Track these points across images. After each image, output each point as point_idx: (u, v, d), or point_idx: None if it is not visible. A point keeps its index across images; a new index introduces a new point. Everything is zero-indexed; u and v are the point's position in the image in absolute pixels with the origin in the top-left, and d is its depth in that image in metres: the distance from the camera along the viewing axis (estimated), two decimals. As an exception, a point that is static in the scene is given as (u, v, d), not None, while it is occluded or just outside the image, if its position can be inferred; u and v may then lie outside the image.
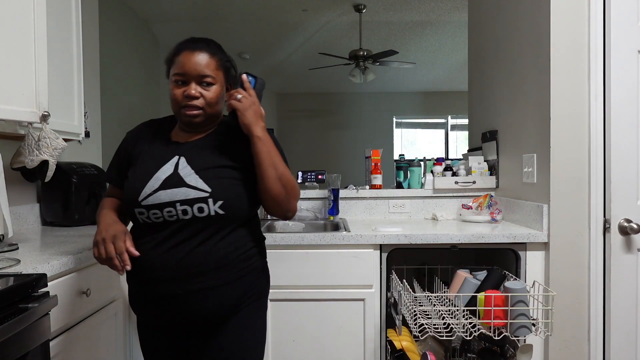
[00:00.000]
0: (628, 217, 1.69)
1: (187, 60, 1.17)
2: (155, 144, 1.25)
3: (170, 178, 1.16)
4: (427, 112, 8.06)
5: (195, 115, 1.19)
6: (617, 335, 1.71)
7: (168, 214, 1.14)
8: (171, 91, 1.20)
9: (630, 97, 1.69)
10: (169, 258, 1.14)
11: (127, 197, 1.18)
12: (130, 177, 1.20)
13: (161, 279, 1.15)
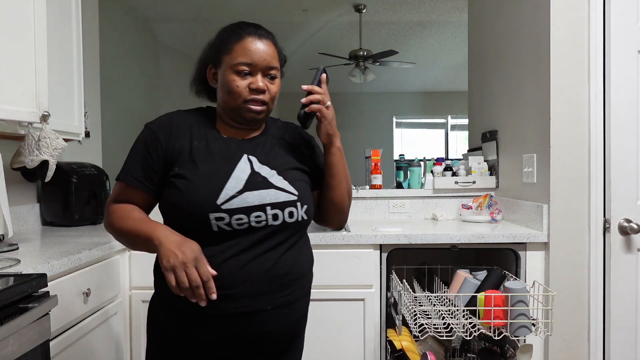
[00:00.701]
0: (628, 217, 1.69)
1: (255, 48, 1.03)
2: (208, 140, 1.06)
3: (252, 178, 1.02)
4: (427, 112, 8.06)
5: (260, 112, 1.05)
6: (617, 335, 1.71)
7: (256, 219, 0.98)
8: (231, 82, 1.03)
9: (630, 97, 1.69)
10: (255, 269, 0.99)
11: (197, 200, 0.97)
12: (193, 178, 0.99)
13: (245, 294, 0.98)
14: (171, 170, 1.02)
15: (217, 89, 1.09)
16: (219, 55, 1.06)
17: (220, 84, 1.06)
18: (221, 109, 1.10)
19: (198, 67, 1.14)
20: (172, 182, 1.01)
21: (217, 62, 1.07)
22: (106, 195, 2.24)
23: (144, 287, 1.79)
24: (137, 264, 1.78)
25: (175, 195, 1.00)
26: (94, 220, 2.16)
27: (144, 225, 0.98)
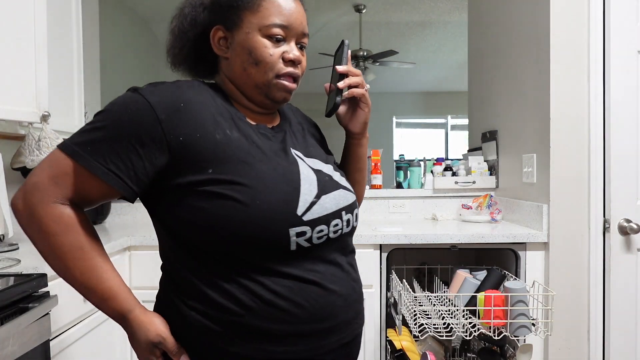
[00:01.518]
0: (628, 217, 1.69)
1: (290, 7, 0.81)
2: (241, 129, 0.79)
3: (320, 177, 0.81)
4: (427, 112, 8.06)
5: (291, 90, 0.84)
6: (617, 335, 1.72)
7: (334, 229, 0.79)
8: (263, 49, 0.79)
9: (630, 97, 1.69)
10: (346, 290, 0.80)
11: (271, 213, 0.72)
12: (254, 183, 0.73)
13: (338, 327, 0.79)
14: (192, 173, 0.73)
15: (230, 59, 0.82)
16: (237, 12, 0.80)
17: (240, 51, 0.80)
18: (239, 85, 0.83)
19: (185, 30, 0.86)
20: (212, 192, 0.72)
21: (233, 22, 0.80)
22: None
23: (144, 287, 1.78)
24: (137, 264, 1.78)
25: (230, 209, 0.71)
26: (94, 220, 2.16)
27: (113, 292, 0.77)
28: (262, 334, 0.73)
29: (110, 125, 0.72)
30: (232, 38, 0.81)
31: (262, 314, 0.73)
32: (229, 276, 0.74)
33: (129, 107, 0.72)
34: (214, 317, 0.73)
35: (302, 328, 0.75)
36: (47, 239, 0.72)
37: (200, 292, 0.74)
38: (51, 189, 0.72)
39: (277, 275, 0.74)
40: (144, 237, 1.77)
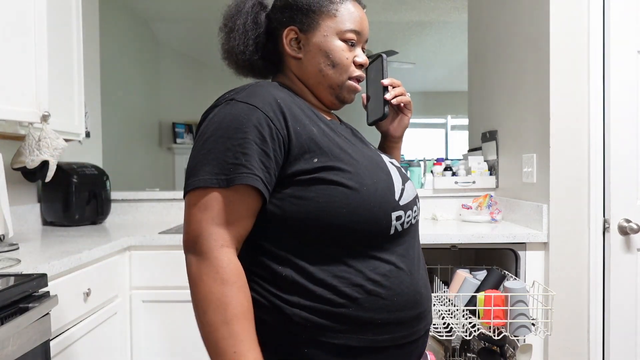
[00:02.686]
0: (627, 217, 1.70)
1: (360, 14, 0.86)
2: (324, 123, 0.82)
3: (397, 168, 0.87)
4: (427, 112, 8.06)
5: (358, 91, 0.91)
6: (616, 335, 1.72)
7: (414, 215, 0.84)
8: (340, 52, 0.84)
9: (630, 97, 1.70)
10: (421, 281, 0.83)
11: (378, 197, 0.76)
12: (359, 171, 0.76)
13: (423, 313, 0.82)
14: (300, 164, 0.74)
15: (303, 60, 0.86)
16: (314, 16, 0.84)
17: (317, 53, 0.84)
18: (311, 85, 0.87)
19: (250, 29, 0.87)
20: (322, 180, 0.74)
21: (309, 25, 0.84)
22: (107, 195, 2.24)
23: (144, 287, 1.79)
24: (137, 264, 1.78)
25: (341, 195, 0.74)
26: (94, 220, 2.17)
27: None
28: (367, 323, 0.74)
29: (232, 138, 0.71)
30: (306, 40, 0.86)
31: (366, 305, 0.74)
32: (333, 268, 0.74)
33: (239, 116, 0.73)
34: (320, 310, 0.73)
35: (401, 315, 0.77)
36: (221, 287, 0.67)
37: (304, 288, 0.74)
38: (217, 231, 0.70)
39: (377, 260, 0.76)
40: (144, 237, 1.78)
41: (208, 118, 0.76)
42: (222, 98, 0.78)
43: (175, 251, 1.78)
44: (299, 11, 0.85)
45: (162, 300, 1.79)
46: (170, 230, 1.94)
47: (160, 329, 1.79)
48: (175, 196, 2.44)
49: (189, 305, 1.89)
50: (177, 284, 1.78)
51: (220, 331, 0.66)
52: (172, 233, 1.84)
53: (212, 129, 0.73)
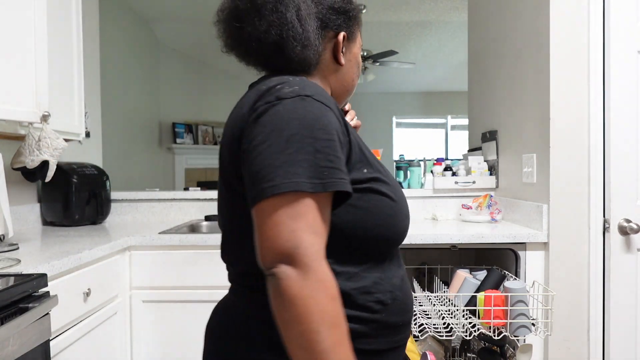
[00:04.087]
0: (628, 217, 1.69)
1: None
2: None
3: None
4: (427, 112, 8.06)
5: None
6: (616, 335, 1.72)
7: None
8: (360, 63, 0.90)
9: (630, 97, 1.70)
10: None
11: (405, 209, 0.78)
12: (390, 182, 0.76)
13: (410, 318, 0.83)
14: (354, 172, 0.71)
15: (344, 67, 0.85)
16: (356, 28, 0.86)
17: (354, 63, 0.87)
18: (340, 89, 0.88)
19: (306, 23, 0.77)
20: (372, 190, 0.72)
21: (353, 35, 0.86)
22: (107, 195, 2.24)
23: (144, 287, 1.79)
24: (137, 263, 1.78)
25: (386, 206, 0.73)
26: (94, 220, 2.17)
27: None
28: (392, 327, 0.75)
29: (320, 140, 0.63)
30: (348, 48, 0.86)
31: (393, 309, 0.75)
32: (370, 276, 0.73)
33: (321, 116, 0.65)
34: (360, 318, 0.71)
35: (409, 316, 0.80)
36: (333, 304, 0.60)
37: (348, 296, 0.70)
38: (316, 241, 0.61)
39: (393, 266, 0.77)
40: (144, 237, 1.78)
41: (276, 111, 0.64)
42: (284, 90, 0.67)
43: (175, 251, 1.78)
44: (350, 19, 0.84)
45: (162, 300, 1.79)
46: (170, 230, 1.94)
47: (160, 329, 1.79)
48: (175, 196, 2.44)
49: (188, 305, 1.89)
50: (177, 284, 1.78)
51: (337, 352, 0.58)
52: (172, 233, 1.84)
53: (294, 126, 0.63)
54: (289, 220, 0.60)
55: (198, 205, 2.44)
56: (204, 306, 1.80)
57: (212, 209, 2.44)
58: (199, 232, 2.20)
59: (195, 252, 1.78)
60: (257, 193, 0.61)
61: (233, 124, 0.71)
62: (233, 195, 0.73)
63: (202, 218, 2.40)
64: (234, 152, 0.69)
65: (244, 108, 0.70)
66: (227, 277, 0.85)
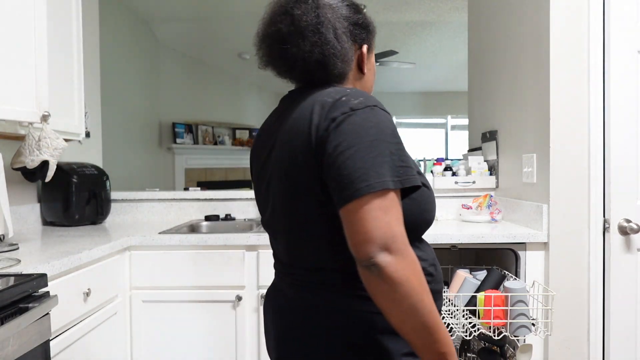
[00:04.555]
0: (628, 217, 1.69)
1: None
2: None
3: None
4: (427, 112, 8.06)
5: None
6: (616, 335, 1.72)
7: None
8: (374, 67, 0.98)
9: (630, 97, 1.70)
10: None
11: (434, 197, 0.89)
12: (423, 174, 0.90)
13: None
14: None
15: (365, 76, 0.95)
16: (373, 41, 0.96)
17: (372, 73, 0.97)
18: None
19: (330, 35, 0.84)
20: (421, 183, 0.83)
21: (371, 47, 0.96)
22: (107, 195, 2.24)
23: (144, 287, 1.79)
24: (137, 264, 1.78)
25: (427, 195, 0.86)
26: (94, 220, 2.17)
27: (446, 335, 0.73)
28: (438, 293, 0.88)
29: (391, 143, 0.74)
30: (368, 59, 0.95)
31: (437, 279, 0.88)
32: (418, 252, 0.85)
33: (389, 122, 0.77)
34: None
35: (442, 287, 0.93)
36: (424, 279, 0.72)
37: None
38: (403, 231, 0.71)
39: (426, 246, 0.91)
40: (144, 237, 1.78)
41: (353, 120, 0.74)
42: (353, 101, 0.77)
43: (175, 251, 1.78)
44: (369, 33, 0.94)
45: (162, 300, 1.79)
46: (170, 230, 1.94)
47: (160, 329, 1.79)
48: (175, 196, 2.44)
49: (188, 305, 1.89)
50: (177, 284, 1.78)
51: (435, 310, 0.72)
52: (172, 233, 1.84)
53: (372, 132, 0.73)
54: (382, 214, 0.70)
55: (198, 205, 2.44)
56: (204, 306, 1.80)
57: (212, 209, 2.44)
58: (199, 232, 2.20)
59: (195, 252, 1.78)
60: (352, 192, 0.70)
61: (300, 132, 0.79)
62: (308, 199, 0.79)
63: (202, 218, 2.40)
64: (313, 159, 0.77)
65: (312, 119, 0.78)
66: (280, 274, 0.92)
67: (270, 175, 0.87)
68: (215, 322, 1.80)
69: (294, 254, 0.86)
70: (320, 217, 0.79)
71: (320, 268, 0.82)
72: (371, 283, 0.70)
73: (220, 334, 1.80)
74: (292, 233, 0.84)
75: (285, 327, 0.87)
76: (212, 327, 1.80)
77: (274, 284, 0.96)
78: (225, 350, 1.80)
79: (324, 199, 0.77)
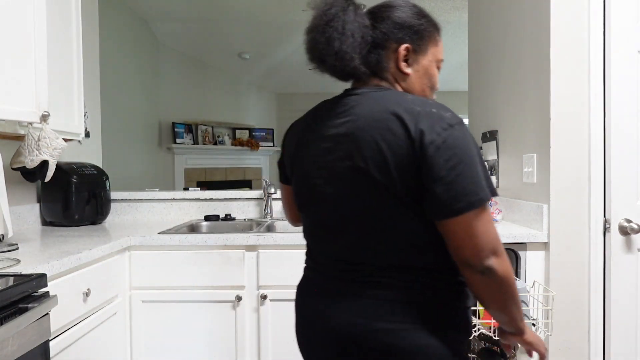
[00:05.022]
0: (628, 217, 1.69)
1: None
2: None
3: None
4: (427, 112, 8.05)
5: None
6: (617, 335, 1.71)
7: None
8: (436, 77, 1.00)
9: (630, 97, 1.69)
10: None
11: None
12: None
13: None
14: None
15: (410, 77, 0.96)
16: (425, 41, 0.96)
17: (423, 74, 0.97)
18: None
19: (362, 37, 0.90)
20: None
21: (420, 48, 0.96)
22: (106, 195, 2.24)
23: (144, 287, 1.79)
24: (137, 264, 1.78)
25: None
26: (93, 220, 2.16)
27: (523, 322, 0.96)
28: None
29: (480, 156, 0.84)
30: (415, 60, 0.96)
31: None
32: None
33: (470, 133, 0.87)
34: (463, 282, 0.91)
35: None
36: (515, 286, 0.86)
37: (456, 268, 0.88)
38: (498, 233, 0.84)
39: None
40: (144, 237, 1.77)
41: (456, 136, 0.82)
42: (445, 114, 0.84)
43: (175, 251, 1.78)
44: (414, 33, 0.95)
45: (162, 300, 1.79)
46: (170, 230, 1.94)
47: (160, 329, 1.79)
48: (175, 196, 2.44)
49: (188, 305, 1.89)
50: (177, 284, 1.78)
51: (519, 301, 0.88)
52: (171, 233, 1.83)
53: (472, 147, 0.83)
54: (489, 223, 0.81)
55: (198, 205, 2.44)
56: (203, 306, 1.80)
57: (212, 209, 2.44)
58: (199, 232, 2.20)
59: (195, 252, 1.78)
60: (465, 205, 0.78)
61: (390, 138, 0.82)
62: (390, 199, 0.83)
63: (202, 218, 2.40)
64: (409, 166, 0.81)
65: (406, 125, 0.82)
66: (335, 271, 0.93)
67: (331, 173, 0.89)
68: (215, 322, 1.79)
69: (367, 253, 0.88)
70: (402, 217, 0.84)
71: (400, 266, 0.86)
72: (481, 284, 0.82)
73: (220, 334, 1.80)
74: (369, 234, 0.87)
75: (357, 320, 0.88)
76: (212, 328, 1.80)
77: (318, 282, 0.96)
78: (225, 350, 1.80)
79: (408, 200, 0.83)
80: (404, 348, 0.84)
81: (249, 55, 5.88)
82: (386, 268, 0.87)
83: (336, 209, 0.89)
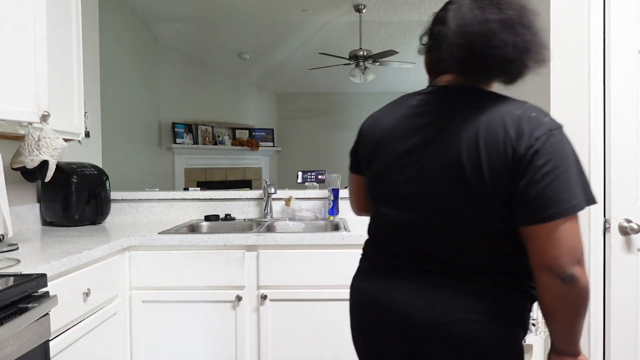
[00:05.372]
0: (628, 217, 1.69)
1: None
2: None
3: None
4: (427, 112, 8.05)
5: None
6: (617, 335, 1.71)
7: None
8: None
9: (630, 97, 1.69)
10: None
11: None
12: None
13: None
14: None
15: None
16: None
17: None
18: None
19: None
20: None
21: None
22: (106, 195, 2.24)
23: (144, 287, 1.79)
24: (137, 264, 1.78)
25: None
26: (93, 220, 2.16)
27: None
28: None
29: (580, 163, 0.83)
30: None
31: None
32: None
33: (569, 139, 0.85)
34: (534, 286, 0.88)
35: None
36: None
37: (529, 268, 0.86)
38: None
39: None
40: (144, 237, 1.77)
41: (556, 142, 0.81)
42: (545, 120, 0.84)
43: (175, 251, 1.78)
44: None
45: (162, 300, 1.79)
46: (170, 230, 1.94)
47: (160, 329, 1.79)
48: (175, 196, 2.44)
49: (188, 305, 1.89)
50: (177, 284, 1.78)
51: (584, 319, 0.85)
52: (171, 233, 1.83)
53: (572, 154, 0.82)
54: (579, 232, 0.79)
55: (198, 205, 2.44)
56: (203, 306, 1.80)
57: (212, 209, 2.44)
58: (199, 232, 2.20)
59: (195, 252, 1.78)
60: (559, 211, 0.77)
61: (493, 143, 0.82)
62: (484, 204, 0.83)
63: (202, 218, 2.40)
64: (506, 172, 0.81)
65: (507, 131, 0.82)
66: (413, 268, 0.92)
67: (420, 169, 0.89)
68: (215, 323, 1.79)
69: (447, 249, 0.88)
70: (488, 218, 0.84)
71: (478, 264, 0.87)
72: (559, 291, 0.79)
73: (220, 334, 1.80)
74: (449, 229, 0.87)
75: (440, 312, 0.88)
76: (212, 328, 1.80)
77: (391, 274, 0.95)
78: (225, 350, 1.80)
79: (498, 203, 0.83)
80: (478, 336, 0.85)
81: (249, 55, 5.88)
82: (468, 265, 0.87)
83: (424, 206, 0.89)
